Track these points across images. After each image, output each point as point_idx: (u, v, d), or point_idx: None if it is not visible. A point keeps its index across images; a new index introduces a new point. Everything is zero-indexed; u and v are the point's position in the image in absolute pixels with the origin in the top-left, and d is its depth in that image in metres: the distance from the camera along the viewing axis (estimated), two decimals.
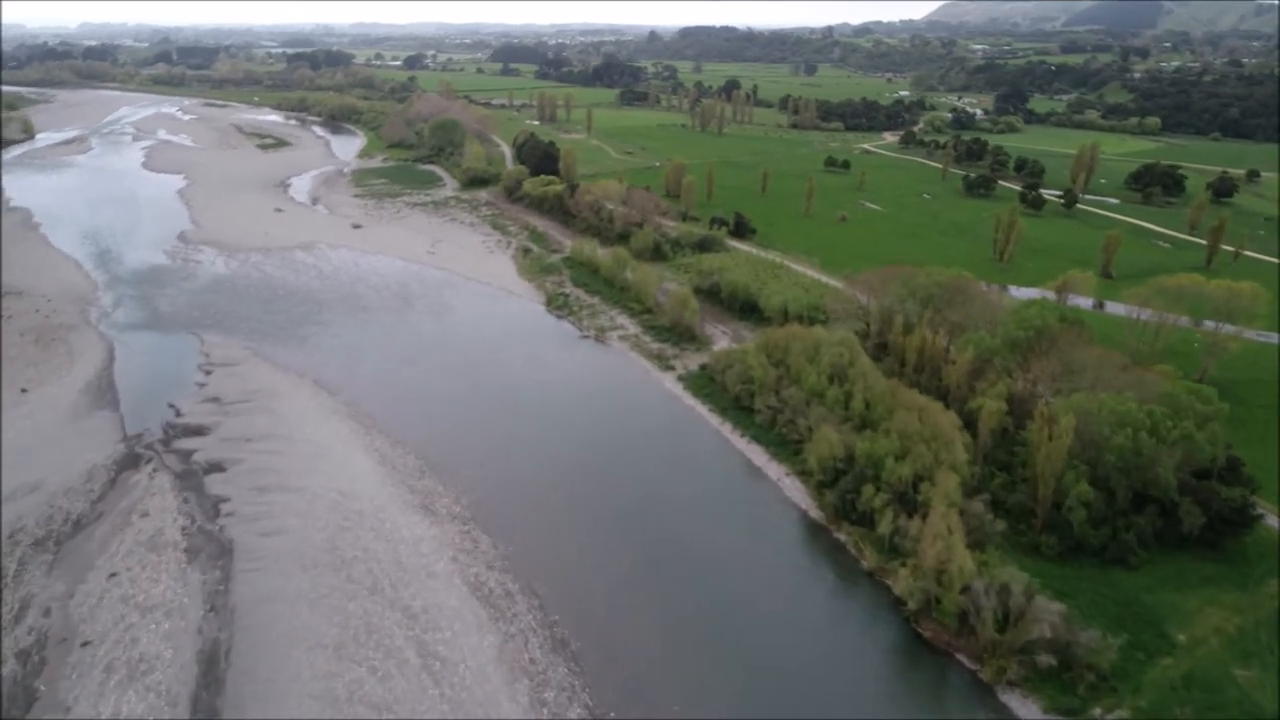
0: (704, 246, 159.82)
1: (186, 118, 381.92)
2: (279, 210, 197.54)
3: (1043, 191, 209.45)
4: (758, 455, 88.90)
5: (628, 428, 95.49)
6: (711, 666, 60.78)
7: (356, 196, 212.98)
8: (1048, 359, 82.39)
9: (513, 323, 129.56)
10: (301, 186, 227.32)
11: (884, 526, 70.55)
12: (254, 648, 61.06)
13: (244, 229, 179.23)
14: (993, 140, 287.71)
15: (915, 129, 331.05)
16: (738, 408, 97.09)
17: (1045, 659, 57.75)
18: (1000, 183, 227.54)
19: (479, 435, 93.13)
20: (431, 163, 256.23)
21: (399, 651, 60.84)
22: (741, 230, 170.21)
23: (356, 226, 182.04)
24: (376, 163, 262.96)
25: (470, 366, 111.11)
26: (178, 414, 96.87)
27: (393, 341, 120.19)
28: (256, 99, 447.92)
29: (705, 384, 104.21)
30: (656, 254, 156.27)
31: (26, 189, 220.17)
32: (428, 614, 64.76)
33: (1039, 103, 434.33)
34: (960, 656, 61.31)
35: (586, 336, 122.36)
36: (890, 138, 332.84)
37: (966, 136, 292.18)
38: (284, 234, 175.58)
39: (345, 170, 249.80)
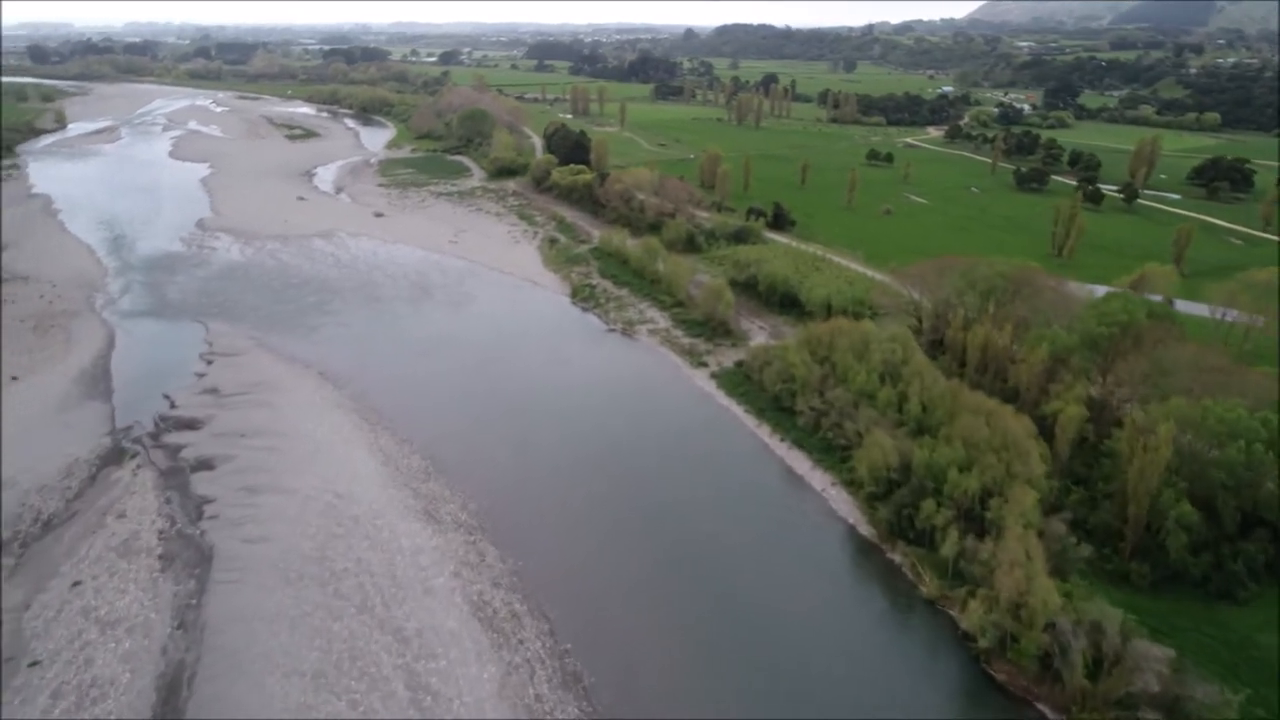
0: (740, 238, 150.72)
1: (218, 110, 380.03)
2: (301, 199, 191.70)
3: (1100, 186, 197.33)
4: (799, 462, 79.78)
5: (655, 429, 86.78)
6: (746, 709, 51.93)
7: (381, 186, 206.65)
8: (1134, 359, 72.31)
9: (535, 315, 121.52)
10: (326, 176, 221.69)
11: (947, 548, 61.14)
12: (222, 673, 53.31)
13: (264, 217, 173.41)
14: (1043, 135, 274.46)
15: (961, 123, 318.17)
16: (777, 409, 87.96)
17: (1150, 717, 48.09)
18: (1053, 177, 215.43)
19: (493, 435, 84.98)
20: (460, 153, 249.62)
21: (385, 682, 52.74)
22: (780, 222, 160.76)
23: (378, 215, 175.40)
24: (404, 153, 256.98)
25: (487, 361, 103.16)
26: (172, 406, 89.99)
27: (406, 333, 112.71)
28: (289, 92, 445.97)
29: (741, 382, 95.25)
30: (690, 245, 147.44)
31: (50, 176, 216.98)
32: (421, 638, 56.60)
33: (1089, 98, 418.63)
34: (1041, 706, 51.83)
35: (613, 330, 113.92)
36: (934, 132, 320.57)
37: (1010, 129, 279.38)
38: (304, 222, 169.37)
39: (372, 160, 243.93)
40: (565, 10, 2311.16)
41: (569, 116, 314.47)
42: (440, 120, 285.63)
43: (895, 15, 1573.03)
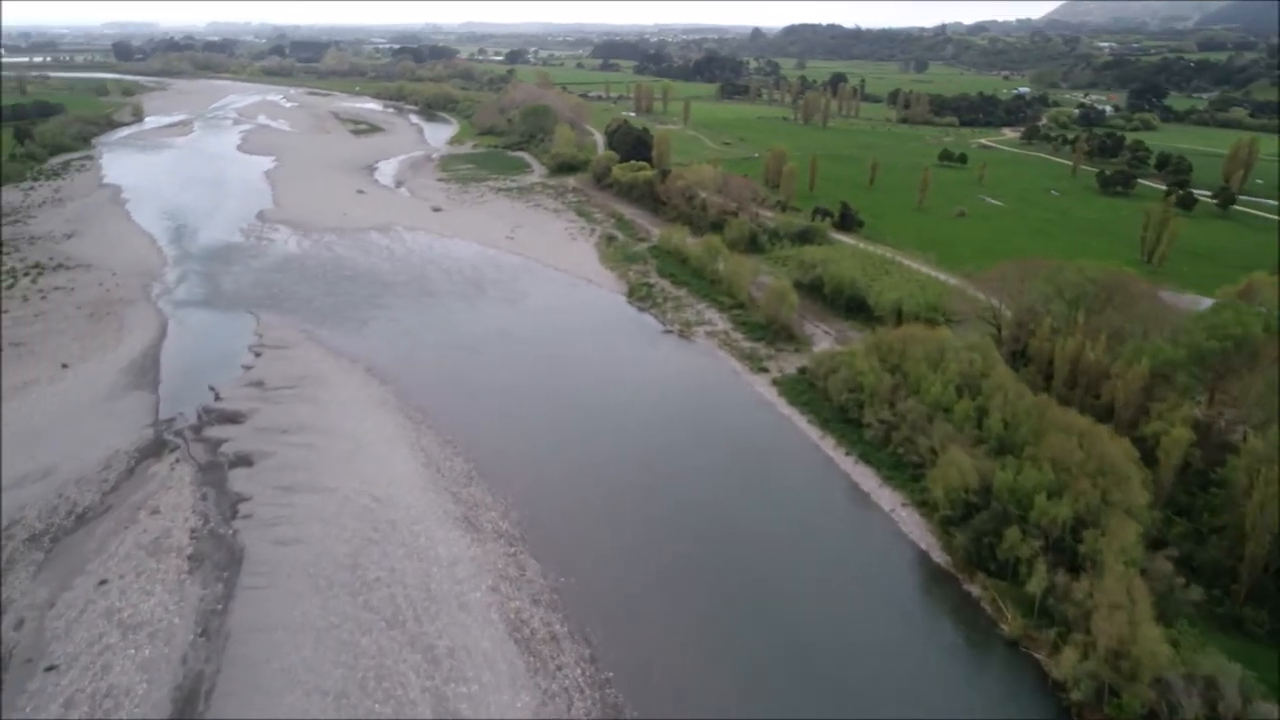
0: (805, 238, 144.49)
1: (288, 105, 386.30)
2: (360, 192, 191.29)
3: (1193, 191, 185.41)
4: (867, 479, 73.83)
5: (712, 438, 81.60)
6: None
7: (441, 181, 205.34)
8: (1249, 378, 64.72)
9: (589, 313, 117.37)
10: (388, 170, 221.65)
11: (1034, 584, 54.76)
12: (242, 688, 50.00)
13: (323, 209, 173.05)
14: (1128, 137, 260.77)
15: (1039, 124, 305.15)
16: (843, 420, 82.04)
17: None
18: (1140, 181, 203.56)
19: (540, 439, 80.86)
20: (521, 149, 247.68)
21: (412, 706, 48.78)
22: (847, 222, 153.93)
23: (436, 210, 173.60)
24: (466, 149, 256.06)
25: (537, 360, 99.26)
26: (216, 398, 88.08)
27: (457, 329, 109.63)
28: (357, 89, 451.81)
29: (804, 390, 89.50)
30: (752, 245, 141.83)
31: (122, 168, 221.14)
32: (453, 658, 52.53)
33: (1176, 100, 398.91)
34: None
35: (670, 331, 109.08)
36: (1010, 133, 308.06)
37: (1093, 130, 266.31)
38: (362, 215, 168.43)
39: (433, 156, 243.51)
40: (633, 11, 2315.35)
41: (632, 114, 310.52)
42: (503, 116, 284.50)
43: (968, 16, 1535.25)
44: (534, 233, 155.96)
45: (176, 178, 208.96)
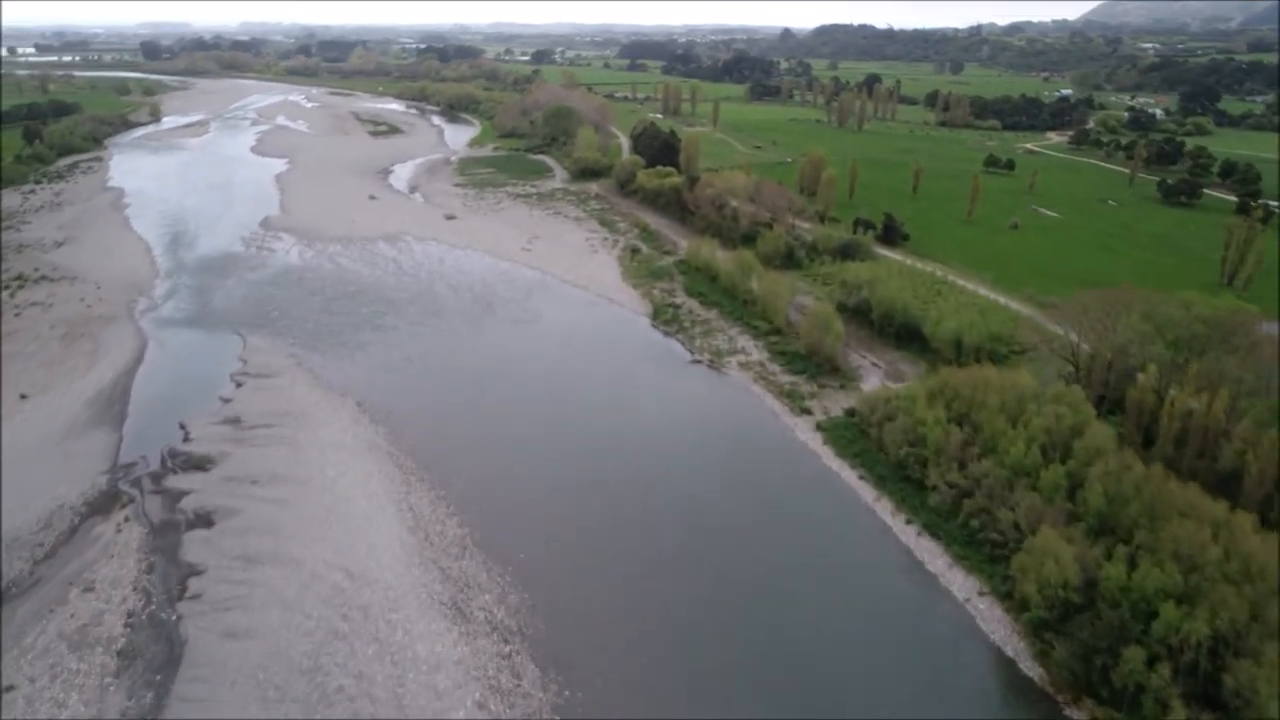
0: (846, 253, 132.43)
1: (309, 105, 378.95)
2: (372, 197, 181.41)
3: (1266, 202, 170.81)
4: (933, 556, 61.86)
5: (750, 500, 69.96)
6: None
7: (457, 186, 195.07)
8: None
9: (609, 339, 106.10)
10: (403, 174, 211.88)
11: None
12: None
13: (331, 216, 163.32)
14: (1186, 142, 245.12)
15: (1087, 128, 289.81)
16: (902, 478, 70.06)
17: None
18: (1205, 190, 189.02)
19: (547, 496, 69.70)
20: (543, 152, 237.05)
21: None
22: (891, 235, 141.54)
23: (450, 218, 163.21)
24: (486, 151, 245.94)
25: (549, 396, 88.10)
26: (186, 438, 77.86)
27: (462, 357, 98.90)
28: (380, 89, 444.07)
29: (854, 438, 77.55)
30: (788, 260, 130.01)
31: (130, 170, 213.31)
32: None
33: (1230, 103, 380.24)
34: None
35: (698, 361, 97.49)
36: (1056, 137, 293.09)
37: (1149, 136, 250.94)
38: (371, 223, 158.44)
39: (452, 159, 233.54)
40: (661, 11, 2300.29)
41: (659, 116, 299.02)
42: (525, 118, 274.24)
43: (1003, 16, 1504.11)
44: (552, 244, 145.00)
45: (184, 181, 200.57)
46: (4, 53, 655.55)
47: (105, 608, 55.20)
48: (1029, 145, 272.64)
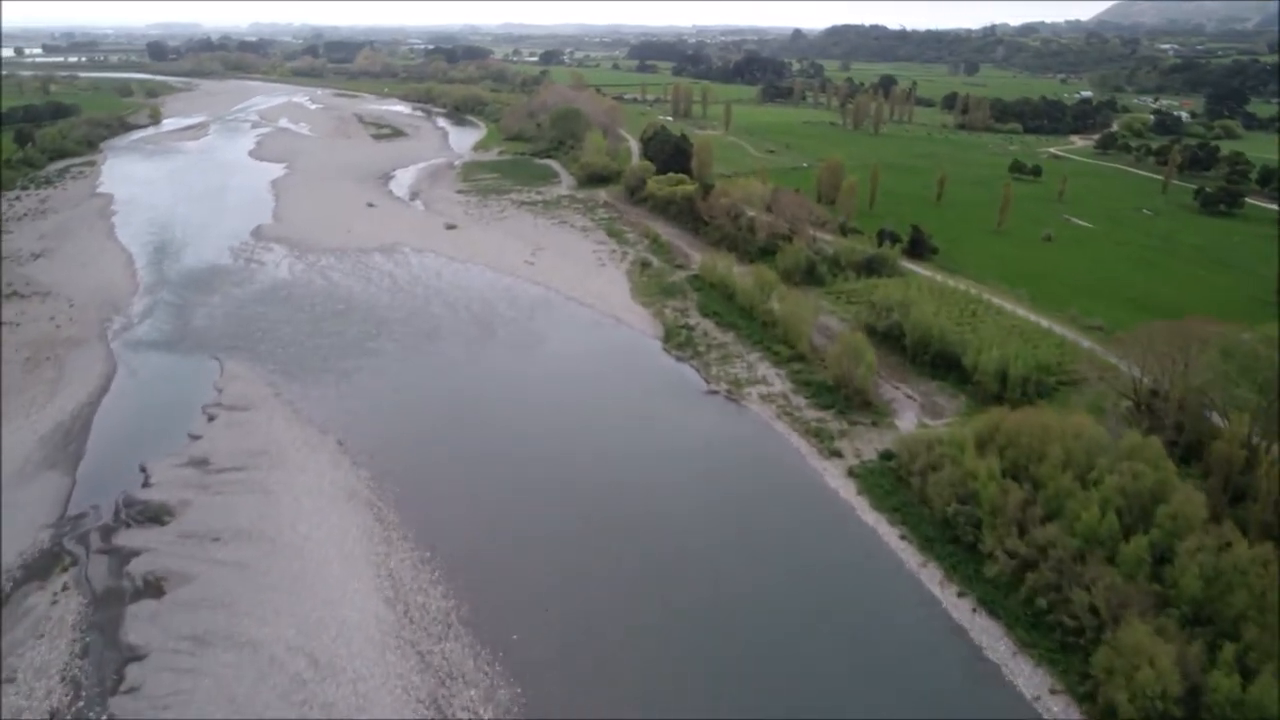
0: (871, 268, 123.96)
1: (313, 107, 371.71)
2: (371, 205, 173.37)
3: None
4: (993, 639, 53.09)
5: (775, 561, 61.39)
6: None
7: (460, 192, 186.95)
8: None
9: (618, 366, 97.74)
10: (405, 179, 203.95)
11: None
12: None
13: (326, 225, 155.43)
14: (1221, 147, 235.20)
15: (1113, 131, 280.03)
16: (950, 539, 61.39)
17: None
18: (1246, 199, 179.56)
19: (546, 560, 61.33)
20: (549, 157, 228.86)
21: None
22: (919, 248, 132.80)
23: (451, 227, 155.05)
24: (491, 156, 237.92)
25: (549, 436, 79.54)
26: (145, 483, 69.86)
27: (457, 386, 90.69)
28: (386, 90, 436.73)
29: (892, 488, 68.90)
30: (809, 276, 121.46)
31: (122, 175, 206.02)
32: None
33: (1259, 106, 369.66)
34: None
35: (715, 392, 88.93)
36: (1080, 141, 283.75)
37: (1182, 141, 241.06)
38: (368, 233, 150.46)
39: (455, 163, 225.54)
40: (670, 11, 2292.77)
41: (669, 119, 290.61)
42: (532, 120, 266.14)
43: (1015, 16, 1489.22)
44: (557, 256, 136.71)
45: (177, 186, 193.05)
46: (10, 53, 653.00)
47: (25, 705, 47.10)
48: (1052, 149, 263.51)
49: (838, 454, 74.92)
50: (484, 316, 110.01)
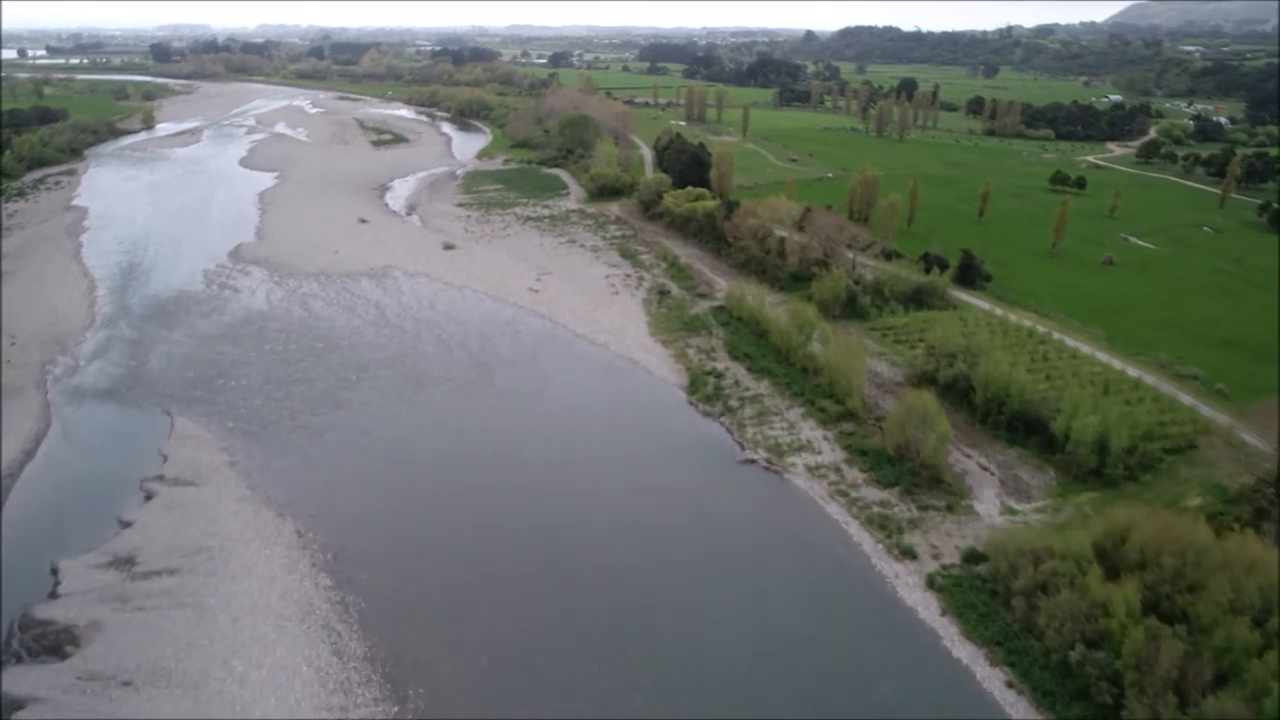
0: (919, 299, 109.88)
1: (314, 111, 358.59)
2: (363, 221, 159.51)
3: None
4: None
5: (839, 705, 47.39)
6: None
7: (460, 206, 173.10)
8: None
9: (636, 423, 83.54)
10: (402, 191, 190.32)
11: None
12: None
13: (312, 245, 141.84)
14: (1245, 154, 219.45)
15: (1153, 139, 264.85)
16: (1075, 695, 47.04)
17: None
18: None
19: (545, 701, 47.38)
20: (558, 166, 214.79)
21: None
22: (970, 275, 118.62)
23: (448, 247, 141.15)
24: (496, 164, 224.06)
25: (553, 517, 65.67)
26: (54, 591, 56.33)
27: (447, 448, 76.82)
28: (389, 93, 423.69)
29: (986, 608, 54.55)
30: (850, 308, 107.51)
31: (102, 186, 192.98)
32: None
33: None
34: None
35: (752, 461, 74.76)
36: (1117, 149, 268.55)
37: (1235, 150, 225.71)
38: (357, 253, 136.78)
39: (457, 173, 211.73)
40: (680, 13, 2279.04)
41: (682, 124, 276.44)
42: (539, 127, 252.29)
43: (1029, 18, 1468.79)
44: (565, 282, 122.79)
45: (158, 199, 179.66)
46: (13, 55, 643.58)
47: None
48: (1090, 158, 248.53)
49: (910, 554, 60.64)
50: (481, 357, 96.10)
